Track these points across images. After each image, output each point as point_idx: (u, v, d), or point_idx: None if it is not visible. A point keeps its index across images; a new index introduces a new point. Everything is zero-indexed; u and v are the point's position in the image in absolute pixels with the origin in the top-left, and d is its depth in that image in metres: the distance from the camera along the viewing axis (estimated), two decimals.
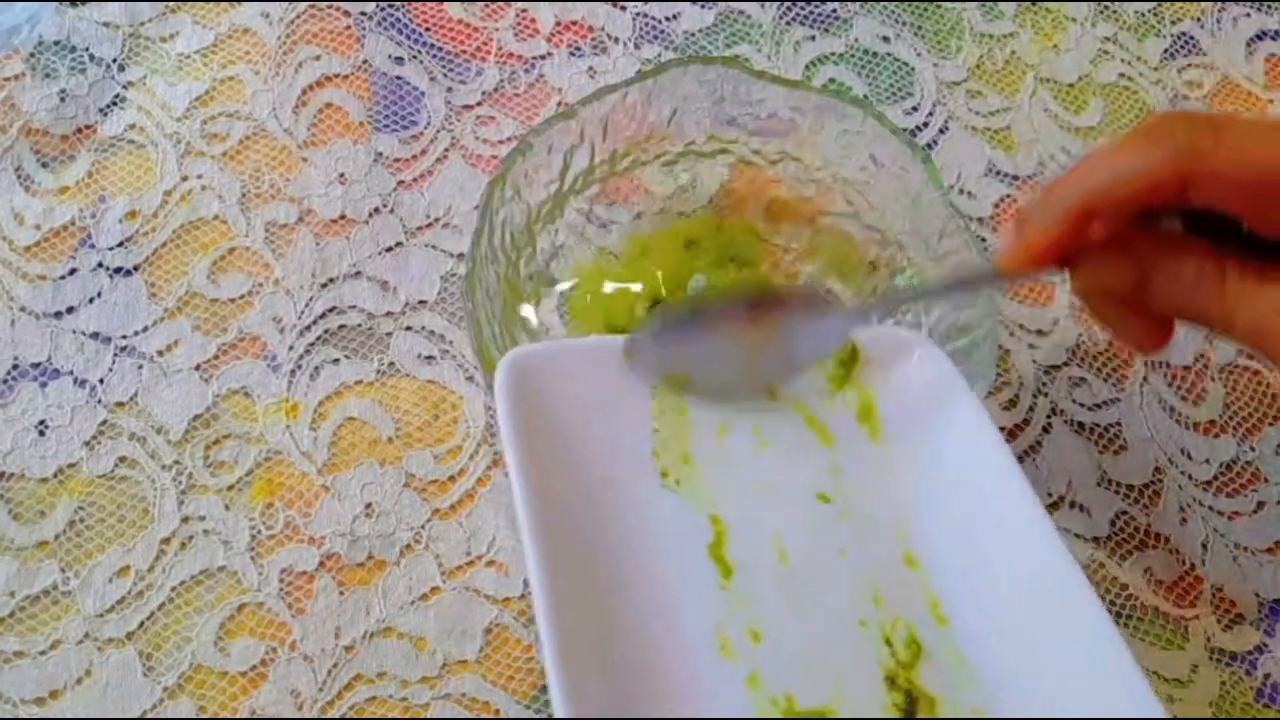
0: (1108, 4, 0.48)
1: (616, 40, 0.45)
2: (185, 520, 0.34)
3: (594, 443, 0.28)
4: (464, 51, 0.44)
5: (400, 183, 0.41)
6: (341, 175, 0.41)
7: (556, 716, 0.21)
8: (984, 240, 0.42)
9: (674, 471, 0.28)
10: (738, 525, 0.28)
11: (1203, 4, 0.49)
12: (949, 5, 0.48)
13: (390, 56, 0.44)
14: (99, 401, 0.36)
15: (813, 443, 0.30)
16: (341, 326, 0.38)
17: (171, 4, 0.44)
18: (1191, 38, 0.48)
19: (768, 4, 0.47)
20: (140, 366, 0.37)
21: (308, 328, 0.38)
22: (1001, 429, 0.38)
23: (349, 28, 0.44)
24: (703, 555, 0.27)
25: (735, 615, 0.26)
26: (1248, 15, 0.48)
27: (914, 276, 0.36)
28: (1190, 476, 0.38)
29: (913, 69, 0.46)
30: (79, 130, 0.41)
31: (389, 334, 0.38)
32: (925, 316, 0.36)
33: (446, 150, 0.42)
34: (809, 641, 0.26)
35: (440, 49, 0.44)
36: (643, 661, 0.24)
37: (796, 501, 0.29)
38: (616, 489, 0.27)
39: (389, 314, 0.39)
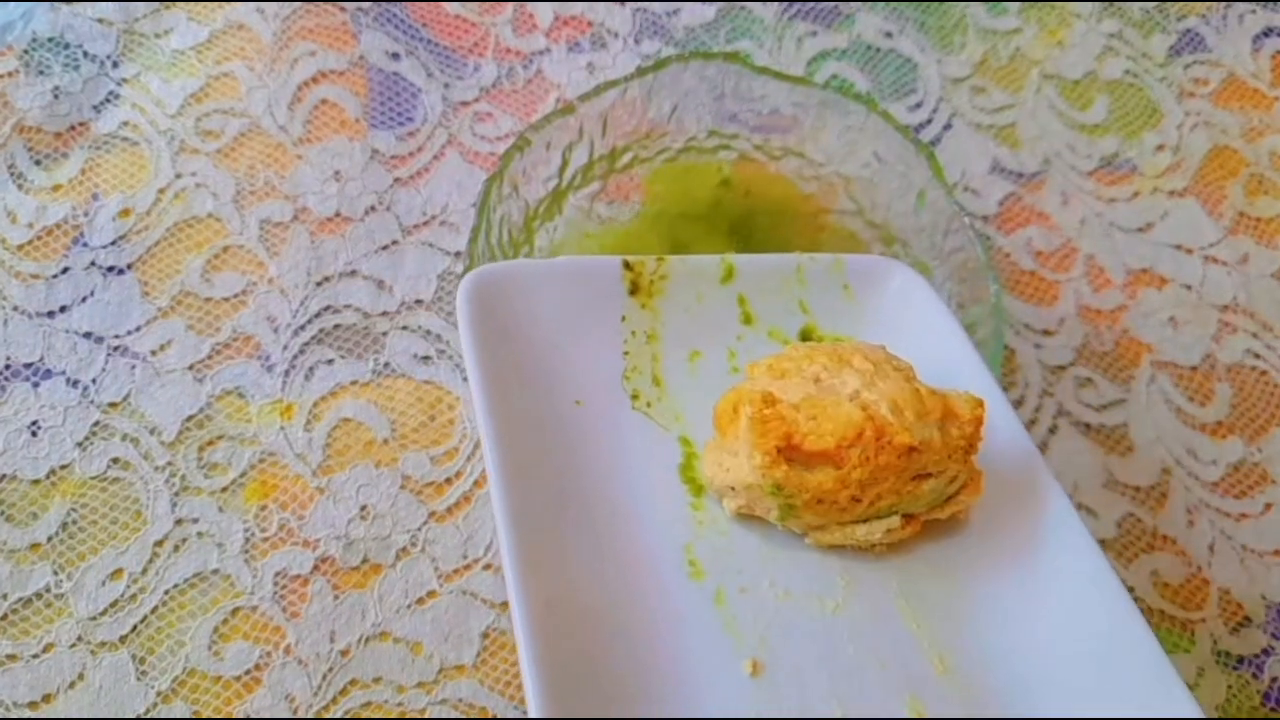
0: (1113, 1, 0.48)
1: (616, 35, 0.45)
2: (179, 522, 0.34)
3: (561, 364, 0.27)
4: (461, 47, 0.44)
5: (396, 180, 0.41)
6: (337, 172, 0.41)
7: (519, 644, 0.21)
8: (988, 239, 0.41)
9: (644, 394, 0.28)
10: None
11: (1209, 1, 0.48)
12: (953, 1, 0.47)
13: (386, 52, 0.43)
14: (91, 402, 0.36)
15: None
16: (336, 326, 0.38)
17: (166, 0, 0.43)
18: (1197, 34, 0.47)
19: (769, 0, 0.46)
20: (133, 366, 0.36)
21: (302, 327, 0.37)
22: None
23: (345, 23, 0.44)
24: (673, 475, 0.26)
25: (705, 533, 0.25)
26: (1254, 12, 0.48)
27: None
28: (1197, 478, 0.38)
29: (916, 65, 0.45)
30: (72, 127, 0.41)
31: (385, 334, 0.38)
32: None
33: (443, 147, 0.42)
34: (780, 556, 0.25)
35: (437, 45, 0.44)
36: (609, 580, 0.24)
37: None
38: (584, 410, 0.27)
39: (385, 313, 0.38)
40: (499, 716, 0.32)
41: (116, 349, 0.37)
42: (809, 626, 0.24)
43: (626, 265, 0.29)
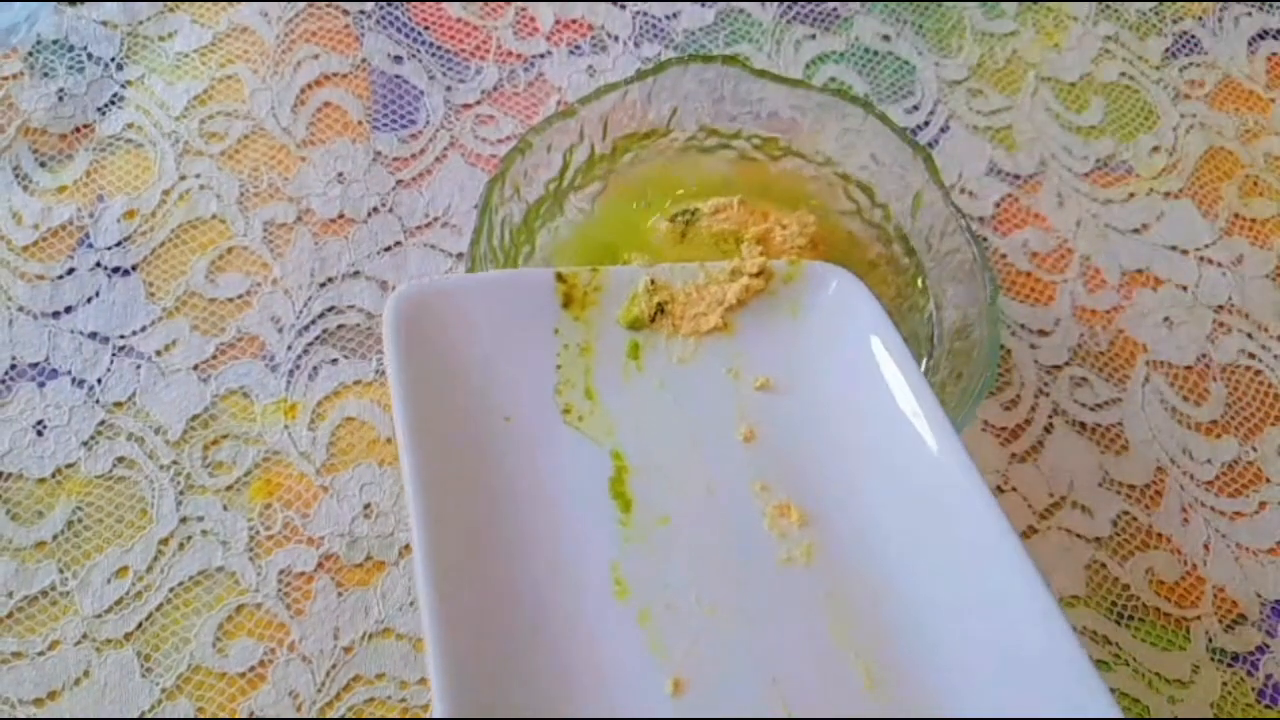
0: (1109, 3, 0.48)
1: (616, 39, 0.45)
2: (184, 521, 0.34)
3: (492, 380, 0.27)
4: (463, 50, 0.44)
5: (399, 182, 0.41)
6: (340, 174, 0.41)
7: (430, 668, 0.20)
8: (985, 240, 0.42)
9: (576, 408, 0.27)
10: (640, 460, 0.27)
11: (1204, 3, 0.49)
12: (950, 4, 0.47)
13: (389, 55, 0.44)
14: (97, 401, 0.36)
15: (725, 380, 0.29)
16: (340, 326, 0.38)
17: (170, 3, 0.44)
18: (1193, 37, 0.48)
19: (768, 3, 0.46)
20: (138, 366, 0.37)
21: (306, 327, 0.38)
22: (1003, 429, 0.38)
23: (348, 26, 0.44)
24: (602, 491, 0.26)
25: (632, 550, 0.25)
26: (1249, 15, 0.48)
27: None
28: (1192, 477, 0.38)
29: (914, 68, 0.46)
30: (77, 129, 0.41)
31: None
32: (928, 309, 0.36)
33: (445, 149, 0.42)
34: (708, 570, 0.25)
35: (439, 48, 0.44)
36: (531, 602, 0.23)
37: (706, 438, 0.28)
38: (514, 426, 0.26)
39: None
40: None
41: (122, 349, 0.37)
42: (734, 642, 0.24)
43: (560, 277, 0.28)
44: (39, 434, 0.35)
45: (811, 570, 0.26)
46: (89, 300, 0.38)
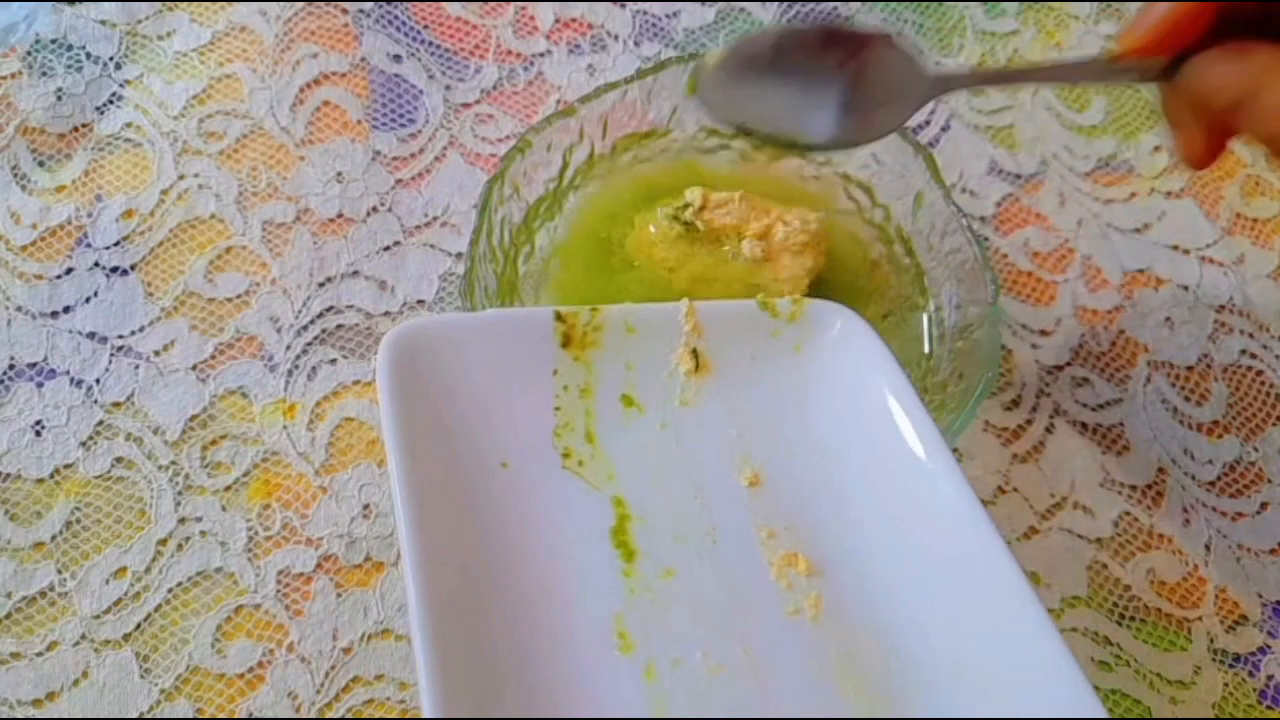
0: (1110, 2, 0.48)
1: (616, 38, 0.45)
2: (182, 521, 0.34)
3: (489, 424, 0.26)
4: (463, 49, 0.44)
5: (398, 181, 0.41)
6: (339, 174, 0.41)
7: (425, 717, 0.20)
8: (986, 240, 0.42)
9: (576, 453, 0.27)
10: (642, 508, 0.26)
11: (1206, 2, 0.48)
12: (951, 3, 0.47)
13: (388, 54, 0.44)
14: (95, 402, 0.36)
15: (728, 422, 0.28)
16: (339, 326, 0.38)
17: (168, 2, 0.44)
18: None
19: (768, 1, 0.46)
20: (137, 366, 0.37)
21: (305, 327, 0.38)
22: (1004, 429, 0.38)
23: (347, 25, 0.44)
24: (604, 540, 0.25)
25: (636, 601, 0.24)
26: None
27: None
28: (1193, 477, 0.38)
29: None
30: (75, 129, 0.41)
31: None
32: (929, 308, 0.36)
33: (445, 148, 0.42)
34: (714, 624, 0.25)
35: (439, 46, 0.44)
36: (532, 658, 0.23)
37: (710, 483, 0.27)
38: (511, 473, 0.25)
39: (387, 313, 0.38)
40: None
41: (120, 349, 0.37)
42: (742, 702, 0.23)
43: (558, 317, 0.28)
44: (37, 434, 0.35)
45: (820, 624, 0.25)
46: (87, 300, 0.38)
